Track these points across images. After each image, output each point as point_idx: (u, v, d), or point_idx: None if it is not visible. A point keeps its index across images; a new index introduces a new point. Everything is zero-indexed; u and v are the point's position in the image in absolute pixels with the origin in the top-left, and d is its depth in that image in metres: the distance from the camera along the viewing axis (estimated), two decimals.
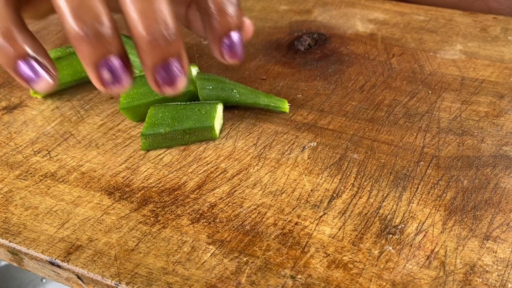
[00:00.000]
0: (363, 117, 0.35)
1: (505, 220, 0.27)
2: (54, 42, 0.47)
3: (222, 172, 0.32)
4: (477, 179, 0.30)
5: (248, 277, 0.25)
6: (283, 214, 0.29)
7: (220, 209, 0.29)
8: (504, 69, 0.38)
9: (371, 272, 0.25)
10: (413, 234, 0.27)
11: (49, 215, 0.30)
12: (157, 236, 0.28)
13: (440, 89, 0.37)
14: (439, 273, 0.25)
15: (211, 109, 0.34)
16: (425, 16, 0.46)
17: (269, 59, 0.42)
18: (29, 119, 0.37)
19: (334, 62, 0.41)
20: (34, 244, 0.28)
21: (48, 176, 0.32)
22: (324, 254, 0.26)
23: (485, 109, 0.35)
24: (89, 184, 0.31)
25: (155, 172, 0.32)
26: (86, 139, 0.35)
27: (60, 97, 0.40)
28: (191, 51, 0.44)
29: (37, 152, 0.34)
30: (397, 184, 0.30)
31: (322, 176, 0.31)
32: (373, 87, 0.38)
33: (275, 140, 0.34)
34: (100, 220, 0.29)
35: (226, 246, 0.27)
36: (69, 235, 0.28)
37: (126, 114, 0.36)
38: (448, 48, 0.41)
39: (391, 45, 0.42)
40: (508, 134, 0.33)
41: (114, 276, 0.26)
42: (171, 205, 0.30)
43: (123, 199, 0.30)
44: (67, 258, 0.27)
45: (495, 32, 0.43)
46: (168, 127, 0.33)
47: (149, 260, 0.27)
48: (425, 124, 0.34)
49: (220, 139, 0.34)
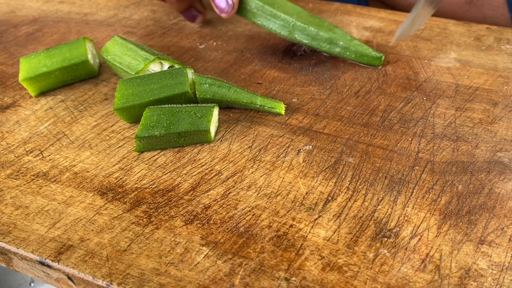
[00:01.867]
0: (358, 122, 0.35)
1: (500, 225, 0.27)
2: (49, 43, 0.47)
3: (216, 174, 0.31)
4: (471, 184, 0.30)
5: (242, 279, 0.25)
6: (277, 216, 0.28)
7: (214, 210, 0.29)
8: (498, 78, 0.39)
9: (366, 275, 0.25)
10: (408, 238, 0.27)
11: (40, 214, 0.29)
12: (149, 237, 0.28)
13: (435, 95, 0.37)
14: (434, 276, 0.25)
15: (207, 112, 0.34)
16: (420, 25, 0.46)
17: (265, 64, 0.42)
18: (22, 119, 0.37)
19: (329, 67, 0.41)
20: (24, 244, 0.28)
21: (40, 175, 0.32)
22: (318, 257, 0.26)
23: (479, 115, 0.35)
24: (81, 184, 0.31)
25: (149, 173, 0.32)
26: (79, 140, 0.35)
27: (54, 97, 0.39)
28: (186, 55, 0.44)
29: (29, 151, 0.34)
30: (392, 188, 0.30)
31: (317, 179, 0.31)
32: (368, 92, 0.38)
33: (271, 143, 0.33)
34: (92, 220, 0.29)
35: (220, 247, 0.27)
36: (60, 235, 0.28)
37: (120, 115, 0.35)
38: (443, 56, 0.42)
39: (386, 52, 0.42)
40: (502, 140, 0.33)
41: (105, 277, 0.26)
42: (165, 206, 0.29)
43: (116, 200, 0.30)
44: (58, 258, 0.27)
45: (489, 42, 0.43)
46: (163, 129, 0.33)
47: (141, 261, 0.26)
48: (420, 130, 0.34)
49: (215, 141, 0.34)
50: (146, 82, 0.35)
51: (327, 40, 0.41)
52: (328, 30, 0.41)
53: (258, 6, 0.42)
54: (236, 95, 0.36)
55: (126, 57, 0.39)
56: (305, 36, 0.41)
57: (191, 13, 0.48)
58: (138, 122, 0.36)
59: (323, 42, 0.41)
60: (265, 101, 0.36)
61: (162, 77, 0.36)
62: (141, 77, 0.36)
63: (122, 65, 0.39)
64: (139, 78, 0.36)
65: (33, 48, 0.46)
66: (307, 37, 0.41)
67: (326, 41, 0.41)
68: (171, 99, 0.35)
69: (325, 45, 0.41)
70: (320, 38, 0.41)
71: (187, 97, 0.35)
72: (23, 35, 0.48)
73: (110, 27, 0.49)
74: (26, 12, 0.53)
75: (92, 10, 0.53)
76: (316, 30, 0.41)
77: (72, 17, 0.51)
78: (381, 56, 0.40)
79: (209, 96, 0.36)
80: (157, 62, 0.38)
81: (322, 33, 0.41)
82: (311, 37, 0.41)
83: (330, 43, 0.41)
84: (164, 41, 0.46)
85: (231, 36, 0.46)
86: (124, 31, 0.48)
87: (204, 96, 0.36)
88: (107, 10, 0.53)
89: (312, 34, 0.41)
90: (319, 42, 0.41)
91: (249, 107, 0.36)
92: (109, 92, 0.40)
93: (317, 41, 0.41)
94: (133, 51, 0.39)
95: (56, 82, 0.40)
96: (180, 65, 0.39)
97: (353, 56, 0.41)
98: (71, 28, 0.49)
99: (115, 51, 0.39)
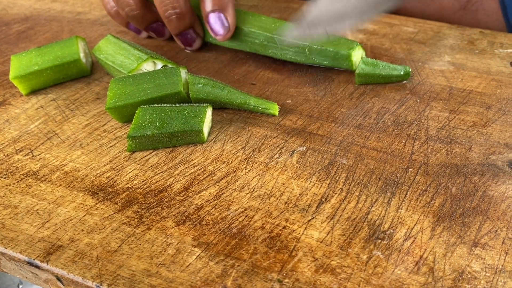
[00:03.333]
0: (352, 123, 0.35)
1: (493, 228, 0.27)
2: (41, 42, 0.46)
3: (209, 174, 0.31)
4: (465, 187, 0.30)
5: (234, 281, 0.25)
6: (271, 217, 0.28)
7: (207, 211, 0.29)
8: (491, 81, 0.39)
9: (359, 277, 0.25)
10: (402, 240, 0.27)
11: (29, 214, 0.29)
12: (141, 238, 0.27)
13: (428, 98, 0.37)
14: (428, 279, 0.25)
15: (200, 112, 0.34)
16: (414, 28, 0.46)
17: (259, 64, 0.42)
18: (12, 117, 0.36)
19: (323, 69, 0.41)
20: (12, 244, 0.27)
21: (29, 175, 0.31)
22: (312, 258, 0.26)
23: (473, 118, 0.35)
24: (72, 184, 0.31)
25: (141, 173, 0.31)
26: (70, 139, 0.34)
27: (45, 96, 0.39)
28: (180, 55, 0.44)
29: (19, 150, 0.33)
30: (385, 190, 0.30)
31: (311, 180, 0.30)
32: (362, 94, 0.38)
33: (264, 144, 0.33)
34: (83, 220, 0.28)
35: (212, 249, 0.26)
36: (49, 235, 0.27)
37: (112, 114, 0.35)
38: (437, 59, 0.42)
39: (381, 54, 0.42)
40: (495, 143, 0.33)
41: (95, 278, 0.25)
42: (156, 207, 0.29)
43: (106, 200, 0.29)
44: (47, 259, 0.26)
45: (482, 45, 0.43)
46: (156, 129, 0.33)
47: (132, 262, 0.26)
48: (413, 132, 0.34)
49: (208, 142, 0.34)
50: (139, 81, 0.35)
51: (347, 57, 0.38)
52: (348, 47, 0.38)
53: (268, 38, 0.40)
54: (229, 95, 0.35)
55: (119, 56, 0.38)
56: (324, 58, 0.39)
57: (189, 36, 0.42)
58: (130, 122, 0.35)
59: (344, 61, 0.39)
60: (259, 102, 0.35)
61: (155, 76, 0.35)
62: (133, 76, 0.35)
63: (115, 64, 0.38)
64: (132, 77, 0.35)
65: (24, 46, 0.46)
66: (326, 59, 0.39)
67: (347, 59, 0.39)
68: (164, 99, 0.35)
69: (346, 63, 0.39)
70: (340, 57, 0.39)
71: (180, 97, 0.35)
72: (14, 33, 0.48)
73: (103, 27, 0.49)
74: (18, 10, 0.52)
75: (85, 9, 0.52)
76: (335, 50, 0.38)
77: (65, 16, 0.51)
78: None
79: (202, 96, 0.35)
80: (150, 61, 0.38)
81: (343, 52, 0.38)
82: (330, 58, 0.39)
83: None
84: (157, 41, 0.46)
85: None
86: (117, 30, 0.48)
87: (198, 96, 0.35)
88: (100, 9, 0.52)
89: (331, 55, 0.39)
90: (340, 61, 0.39)
91: (242, 107, 0.36)
92: (101, 91, 0.39)
93: (338, 60, 0.39)
94: (126, 50, 0.38)
95: (48, 81, 0.39)
96: (173, 64, 0.39)
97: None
98: (63, 27, 0.49)
99: (108, 50, 0.39)
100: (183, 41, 0.42)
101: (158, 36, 0.44)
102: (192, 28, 0.41)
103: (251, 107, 0.35)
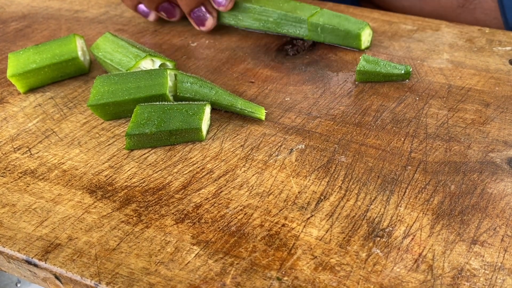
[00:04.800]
0: (351, 121, 0.35)
1: (492, 225, 0.27)
2: (38, 40, 0.46)
3: (208, 172, 0.31)
4: (464, 184, 0.30)
5: (233, 279, 0.25)
6: (270, 215, 0.28)
7: (206, 209, 0.28)
8: (490, 79, 0.39)
9: (358, 275, 0.25)
10: (401, 237, 0.27)
11: (27, 212, 0.29)
12: (139, 236, 0.27)
13: (427, 96, 0.37)
14: (427, 276, 0.25)
15: (199, 110, 0.33)
16: (413, 26, 0.46)
17: (257, 62, 0.42)
18: (9, 116, 0.36)
19: (322, 67, 0.41)
20: (10, 242, 0.27)
21: (27, 173, 0.31)
22: (311, 256, 0.26)
23: (472, 116, 0.35)
24: (70, 182, 0.30)
25: (139, 171, 0.31)
26: (68, 137, 0.34)
27: (43, 94, 0.39)
28: (178, 53, 0.43)
29: (17, 149, 0.33)
30: (384, 187, 0.30)
31: (310, 178, 0.30)
32: (361, 92, 0.38)
33: (263, 142, 0.33)
34: (81, 218, 0.28)
35: (211, 247, 0.26)
36: (47, 233, 0.27)
37: (95, 111, 0.35)
38: (435, 57, 0.42)
39: (379, 52, 0.42)
40: (494, 141, 0.33)
41: (94, 276, 0.25)
42: (155, 205, 0.29)
43: (105, 198, 0.29)
44: (45, 257, 0.26)
45: (481, 43, 0.43)
46: (154, 127, 0.33)
47: (130, 260, 0.26)
48: (412, 130, 0.34)
49: (207, 140, 0.34)
50: (124, 81, 0.35)
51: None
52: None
53: (281, 15, 0.42)
54: (216, 96, 0.35)
55: (117, 54, 0.38)
56: (335, 37, 0.42)
57: (201, 14, 0.42)
58: (114, 119, 0.35)
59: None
60: (246, 105, 0.35)
61: (141, 77, 0.35)
62: (119, 75, 0.35)
63: (113, 62, 0.38)
64: (118, 75, 0.35)
65: (22, 44, 0.45)
66: (337, 37, 0.42)
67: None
68: (148, 100, 0.34)
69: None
70: (350, 36, 0.42)
71: (165, 100, 0.35)
72: (11, 31, 0.48)
73: (101, 24, 0.49)
74: (15, 8, 0.52)
75: (83, 7, 0.52)
76: (346, 29, 0.42)
77: (63, 14, 0.51)
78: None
79: (189, 95, 0.35)
80: (149, 59, 0.38)
81: (353, 31, 0.41)
82: (341, 37, 0.42)
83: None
84: (156, 39, 0.46)
85: (224, 34, 0.46)
86: (116, 28, 0.48)
87: (184, 95, 0.35)
88: (98, 7, 0.52)
89: (342, 34, 0.42)
90: (350, 40, 0.42)
91: (229, 109, 0.35)
92: None
93: (348, 39, 0.42)
94: (124, 48, 0.38)
95: (45, 79, 0.39)
96: (172, 62, 0.39)
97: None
98: (61, 25, 0.49)
99: (106, 48, 0.39)
100: (196, 20, 0.43)
101: (169, 17, 0.44)
102: (203, 5, 0.42)
103: (237, 110, 0.35)
